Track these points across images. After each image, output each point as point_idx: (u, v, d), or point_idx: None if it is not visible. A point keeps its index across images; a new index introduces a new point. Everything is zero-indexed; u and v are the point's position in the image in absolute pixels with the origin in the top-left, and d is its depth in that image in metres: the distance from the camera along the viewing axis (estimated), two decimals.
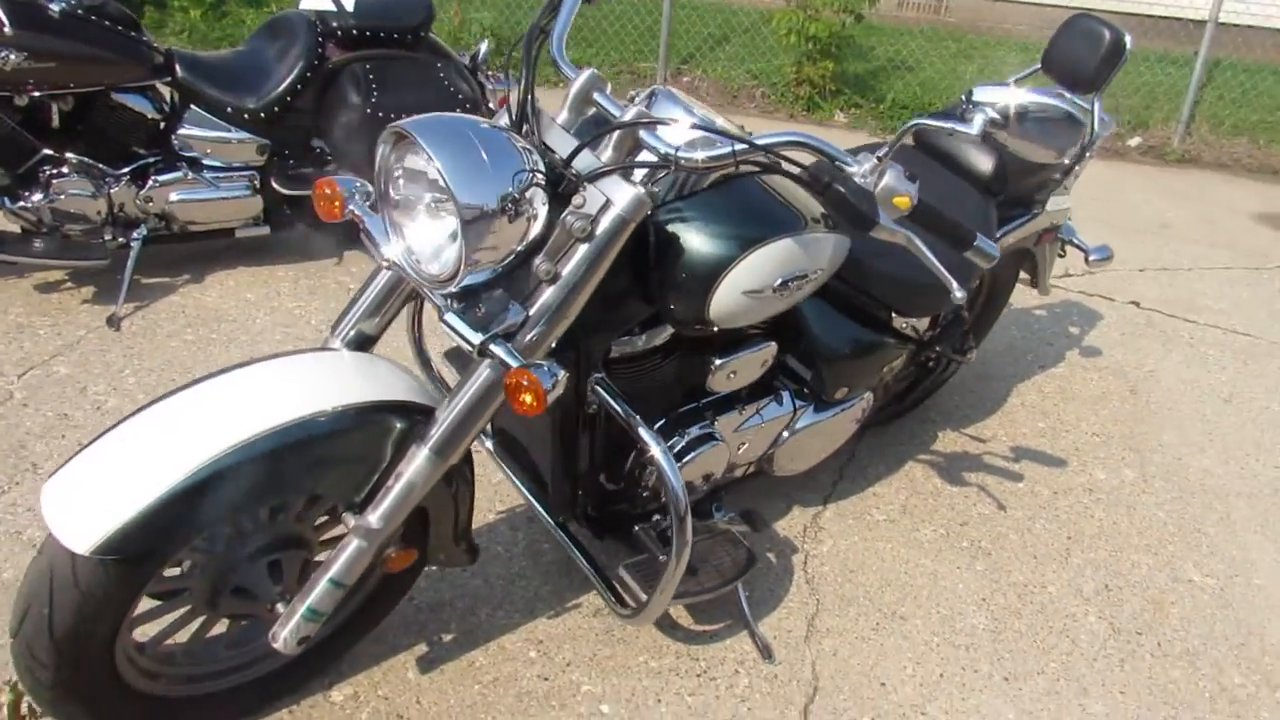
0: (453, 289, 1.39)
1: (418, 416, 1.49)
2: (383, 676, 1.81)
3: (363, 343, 1.64)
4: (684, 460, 1.80)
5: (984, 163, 2.30)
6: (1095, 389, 3.05)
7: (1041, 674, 1.96)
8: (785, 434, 2.02)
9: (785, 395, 2.01)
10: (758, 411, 1.95)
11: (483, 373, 1.45)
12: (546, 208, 1.39)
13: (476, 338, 1.39)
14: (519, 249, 1.39)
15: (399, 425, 1.47)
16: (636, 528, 1.91)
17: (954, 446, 2.69)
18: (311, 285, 3.23)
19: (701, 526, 1.90)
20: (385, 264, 1.49)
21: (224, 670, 1.64)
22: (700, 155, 1.41)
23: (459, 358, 2.11)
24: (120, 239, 2.91)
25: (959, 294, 1.50)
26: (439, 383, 2.15)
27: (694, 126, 1.43)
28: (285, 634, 1.49)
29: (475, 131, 1.35)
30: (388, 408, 1.47)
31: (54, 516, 1.29)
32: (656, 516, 1.91)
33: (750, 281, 1.59)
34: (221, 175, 3.09)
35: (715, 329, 1.66)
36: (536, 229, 1.39)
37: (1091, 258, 2.61)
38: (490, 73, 3.44)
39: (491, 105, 3.35)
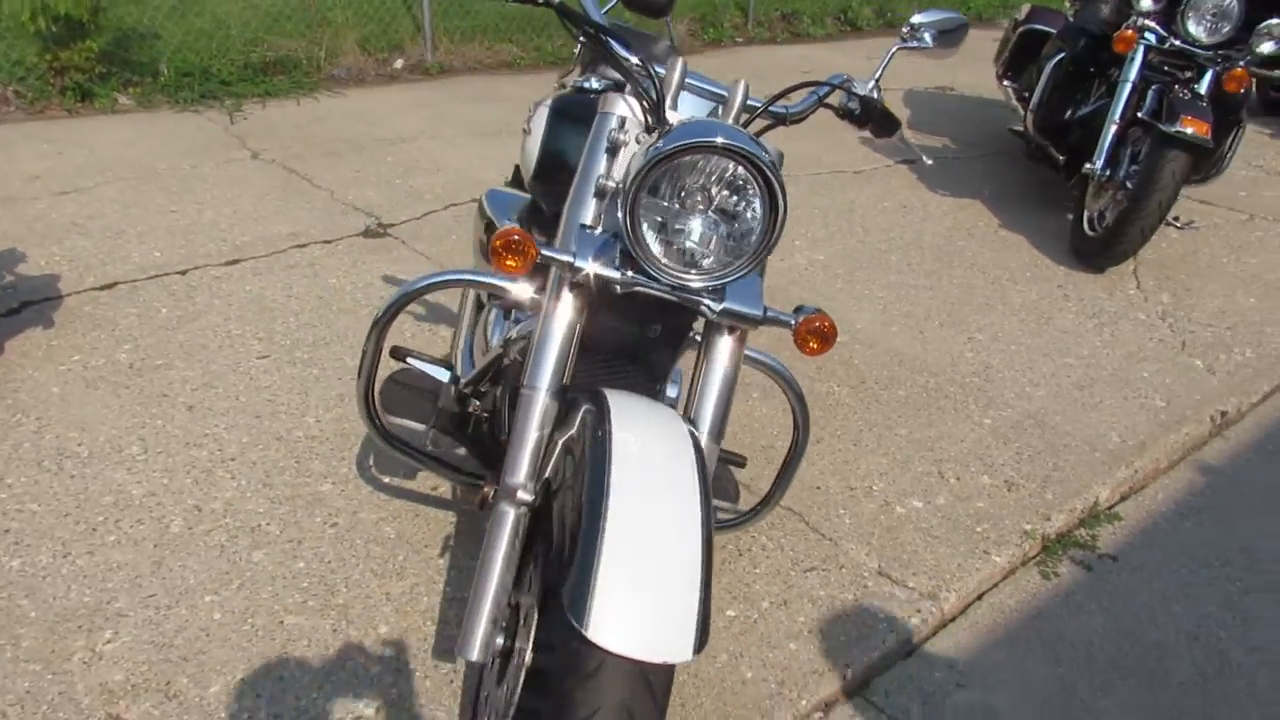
0: (734, 278, 1.45)
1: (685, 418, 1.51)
2: None
3: (562, 389, 1.51)
4: None
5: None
6: None
7: (891, 431, 2.71)
8: None
9: None
10: None
11: (723, 351, 1.54)
12: None
13: (758, 311, 1.49)
14: None
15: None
16: None
17: None
18: None
19: None
20: (635, 287, 1.44)
21: None
22: (799, 109, 1.66)
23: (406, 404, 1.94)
24: None
25: (930, 161, 2.03)
26: (387, 430, 1.92)
27: (799, 87, 1.66)
28: None
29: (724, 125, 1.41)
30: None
31: (633, 642, 1.12)
32: None
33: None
34: None
35: None
36: None
37: None
38: None
39: None
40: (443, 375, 1.93)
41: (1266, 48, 3.53)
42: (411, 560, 2.13)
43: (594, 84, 1.85)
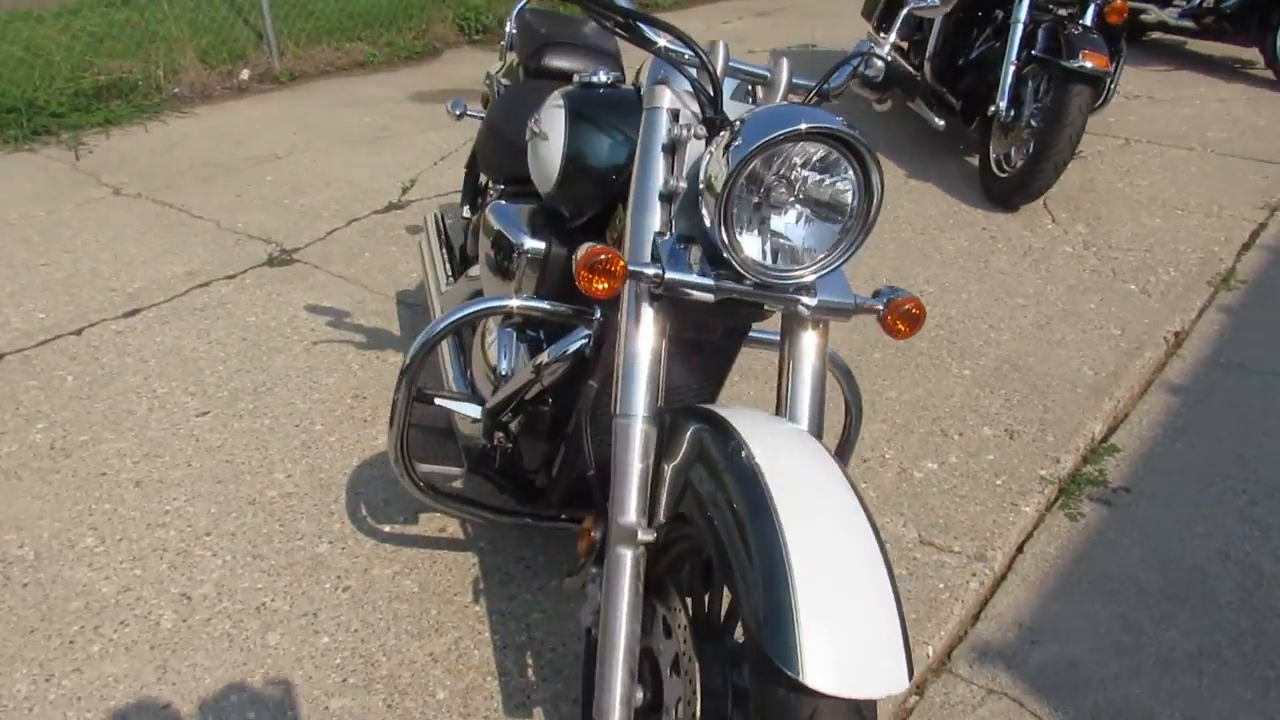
0: (835, 266, 1.36)
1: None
2: None
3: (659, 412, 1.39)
4: None
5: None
6: None
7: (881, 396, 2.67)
8: None
9: None
10: None
11: (810, 346, 1.44)
12: None
13: (850, 301, 1.40)
14: None
15: None
16: None
17: None
18: None
19: None
20: (731, 294, 1.33)
21: None
22: (838, 83, 1.58)
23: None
24: None
25: (941, 123, 1.97)
26: (424, 482, 1.76)
27: (839, 66, 1.57)
28: None
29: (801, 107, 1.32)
30: None
31: (850, 681, 1.03)
32: None
33: None
34: None
35: None
36: None
37: None
38: None
39: None
40: (474, 411, 1.77)
41: None
42: (445, 613, 1.96)
43: (602, 77, 1.72)
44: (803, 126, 1.26)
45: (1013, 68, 3.77)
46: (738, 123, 1.31)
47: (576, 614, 1.96)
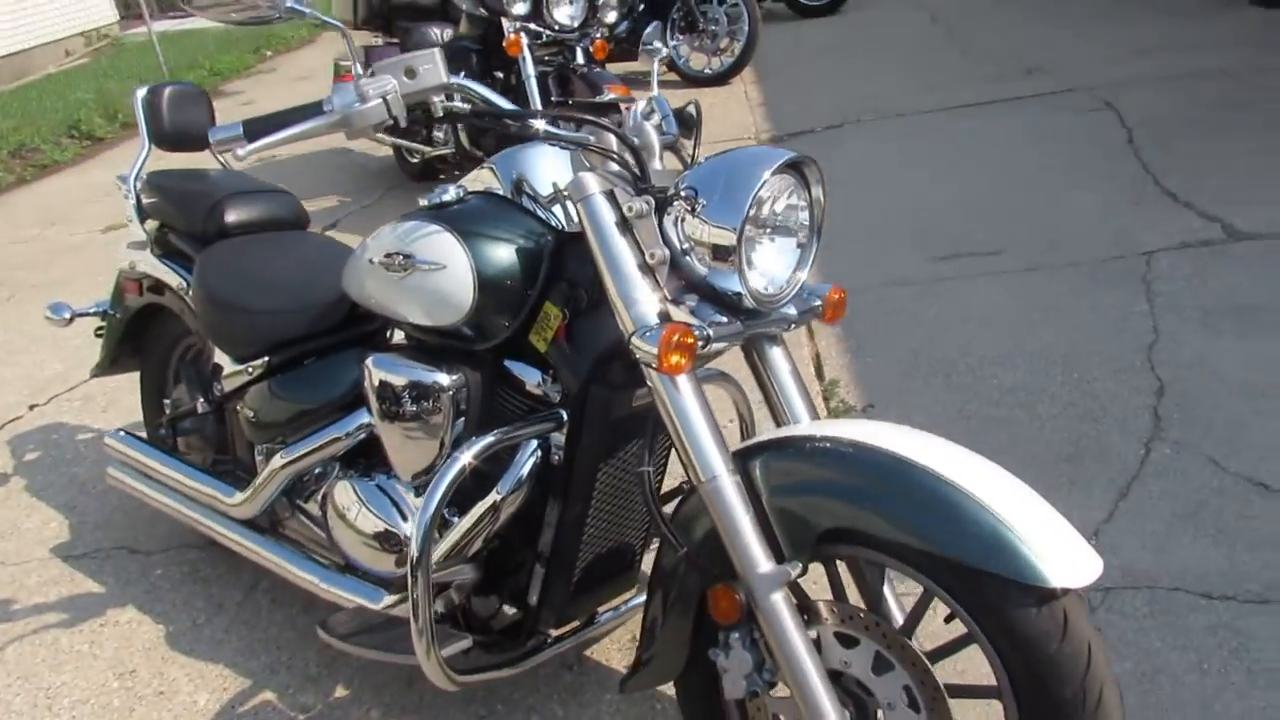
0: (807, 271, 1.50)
1: None
2: None
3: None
4: None
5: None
6: None
7: None
8: None
9: None
10: None
11: (781, 355, 1.57)
12: None
13: (811, 302, 1.55)
14: None
15: None
16: None
17: None
18: None
19: None
20: (754, 330, 1.42)
21: None
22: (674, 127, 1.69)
23: None
24: None
25: None
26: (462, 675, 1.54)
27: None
28: None
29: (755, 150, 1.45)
30: None
31: (1081, 568, 1.17)
32: None
33: None
34: None
35: None
36: None
37: None
38: None
39: None
40: (474, 573, 1.60)
41: (611, 17, 4.26)
42: None
43: (452, 194, 1.66)
44: (766, 175, 1.38)
45: None
46: (688, 186, 1.39)
47: None
